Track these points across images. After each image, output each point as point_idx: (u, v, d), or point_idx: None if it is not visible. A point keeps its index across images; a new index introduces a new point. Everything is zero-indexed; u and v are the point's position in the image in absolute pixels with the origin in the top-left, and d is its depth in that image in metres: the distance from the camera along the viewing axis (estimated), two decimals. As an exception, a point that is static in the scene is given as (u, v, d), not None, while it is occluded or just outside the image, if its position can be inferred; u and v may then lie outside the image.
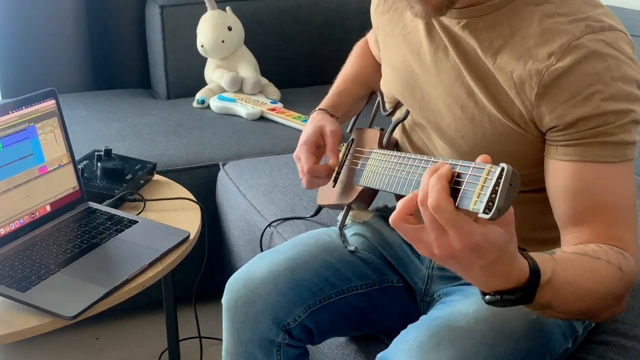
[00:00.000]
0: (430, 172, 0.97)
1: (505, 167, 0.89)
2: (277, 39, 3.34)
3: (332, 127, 1.55)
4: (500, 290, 1.04)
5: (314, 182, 1.55)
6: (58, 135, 1.76)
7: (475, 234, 0.94)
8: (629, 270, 1.15)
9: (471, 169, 0.94)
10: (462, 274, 1.04)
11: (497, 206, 0.89)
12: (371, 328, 1.59)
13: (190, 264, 1.91)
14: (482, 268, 0.99)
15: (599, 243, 1.17)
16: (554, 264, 1.08)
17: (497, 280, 1.03)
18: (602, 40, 1.18)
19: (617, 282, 1.14)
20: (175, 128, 2.78)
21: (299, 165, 1.56)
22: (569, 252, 1.14)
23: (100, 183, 1.93)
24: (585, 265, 1.12)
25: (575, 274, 1.10)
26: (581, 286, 1.10)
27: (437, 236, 0.96)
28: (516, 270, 1.02)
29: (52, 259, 1.58)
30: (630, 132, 1.19)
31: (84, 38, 3.24)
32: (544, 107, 1.21)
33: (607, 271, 1.12)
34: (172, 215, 1.88)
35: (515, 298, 1.04)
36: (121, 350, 2.48)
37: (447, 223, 0.94)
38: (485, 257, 0.97)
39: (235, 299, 1.49)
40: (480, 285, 1.06)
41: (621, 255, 1.15)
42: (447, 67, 1.34)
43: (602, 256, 1.13)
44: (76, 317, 1.44)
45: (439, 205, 0.93)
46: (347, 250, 1.55)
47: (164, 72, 3.18)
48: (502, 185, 0.89)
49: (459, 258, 0.97)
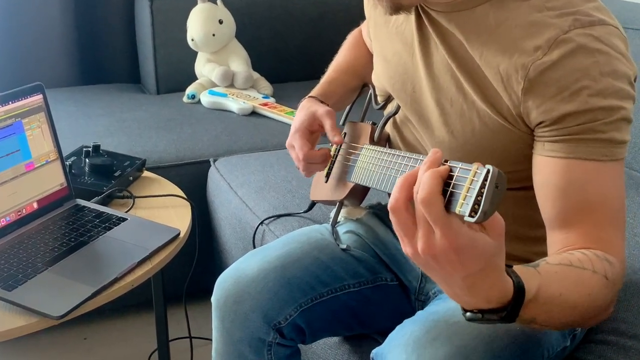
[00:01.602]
0: (426, 167, 0.95)
1: (491, 169, 0.88)
2: (269, 32, 3.34)
3: (326, 108, 1.55)
4: (482, 309, 1.03)
5: (310, 168, 1.56)
6: (45, 131, 1.76)
7: (463, 236, 0.92)
8: (615, 278, 1.14)
9: (458, 170, 0.92)
10: (443, 284, 1.02)
11: (482, 209, 0.87)
12: (364, 328, 1.59)
13: (180, 262, 1.91)
14: (464, 279, 0.97)
15: (585, 246, 1.16)
16: (539, 279, 1.06)
17: (478, 298, 1.01)
18: (590, 35, 1.17)
19: (604, 291, 1.13)
20: (165, 123, 2.78)
21: (292, 154, 1.56)
22: (553, 263, 1.12)
23: (89, 180, 1.94)
24: (571, 277, 1.11)
25: (561, 286, 1.09)
26: (567, 299, 1.09)
27: (424, 233, 0.94)
28: (499, 290, 1.01)
29: (40, 258, 1.58)
30: (620, 130, 1.18)
31: (72, 31, 3.24)
32: (530, 102, 1.20)
33: (593, 281, 1.11)
34: (162, 213, 1.88)
35: (497, 318, 1.03)
36: (110, 350, 2.48)
37: (435, 220, 0.92)
38: (469, 265, 0.95)
39: (225, 297, 1.50)
40: (460, 301, 1.04)
41: (607, 263, 1.14)
42: (436, 61, 1.34)
43: (587, 266, 1.11)
44: (64, 317, 1.44)
45: (429, 200, 0.91)
46: (340, 248, 1.55)
47: (154, 66, 3.18)
48: (488, 188, 0.87)
49: (441, 260, 0.95)
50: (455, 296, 1.03)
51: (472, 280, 0.98)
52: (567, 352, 1.40)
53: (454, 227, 0.92)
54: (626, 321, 1.50)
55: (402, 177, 0.97)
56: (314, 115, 1.55)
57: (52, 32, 3.18)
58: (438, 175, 0.93)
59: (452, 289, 1.01)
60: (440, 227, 0.92)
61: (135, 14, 3.29)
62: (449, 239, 0.92)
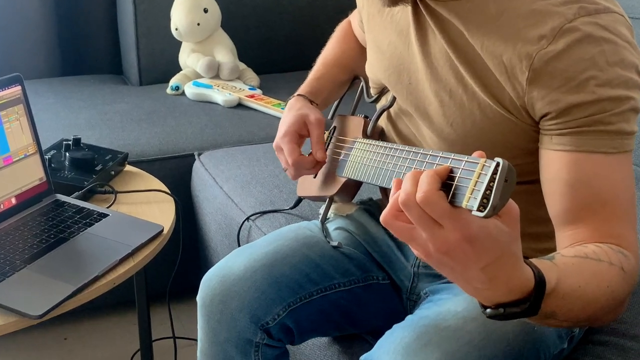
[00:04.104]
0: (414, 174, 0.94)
1: (500, 162, 0.87)
2: (256, 21, 3.33)
3: (316, 116, 1.55)
4: (503, 302, 1.02)
5: (299, 173, 1.56)
6: (24, 124, 1.75)
7: (474, 224, 0.91)
8: (631, 270, 1.14)
9: (464, 163, 0.92)
10: (461, 281, 1.00)
11: (492, 203, 0.86)
12: (355, 328, 1.59)
13: (163, 260, 1.91)
14: (482, 270, 0.95)
15: (597, 242, 1.15)
16: (558, 271, 1.05)
17: (499, 290, 1.00)
18: (596, 23, 1.17)
19: (621, 283, 1.12)
20: (148, 116, 2.77)
21: (280, 157, 1.56)
22: (569, 256, 1.11)
23: (69, 174, 1.93)
24: (588, 269, 1.10)
25: (579, 279, 1.08)
26: (586, 292, 1.08)
27: (431, 233, 0.93)
28: (520, 279, 0.99)
29: (18, 255, 1.58)
30: (628, 121, 1.18)
31: (52, 20, 3.22)
32: (535, 92, 1.20)
33: (611, 273, 1.11)
34: (145, 209, 1.88)
35: (520, 311, 1.01)
36: (91, 351, 2.48)
37: (441, 215, 0.91)
38: (484, 255, 0.94)
39: (211, 296, 1.49)
40: (481, 297, 1.03)
41: (622, 255, 1.14)
42: (434, 51, 1.34)
43: (603, 257, 1.11)
44: (43, 316, 1.44)
45: (428, 198, 0.90)
46: (330, 246, 1.55)
47: (136, 56, 3.17)
48: (498, 181, 0.87)
49: (456, 254, 0.93)
50: (475, 292, 1.01)
51: (490, 271, 0.96)
52: (565, 355, 1.39)
53: (463, 218, 0.91)
54: (625, 321, 1.50)
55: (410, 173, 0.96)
56: (304, 120, 1.55)
57: (30, 21, 3.16)
58: (434, 174, 0.92)
59: (471, 284, 0.99)
60: (449, 221, 0.91)
61: (117, 2, 3.28)
62: (461, 231, 0.91)
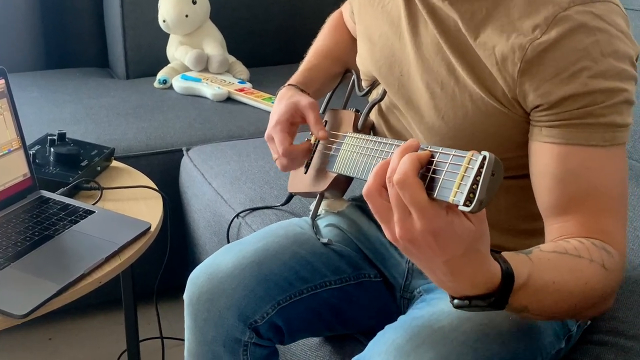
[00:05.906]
0: (402, 151, 0.97)
1: (487, 155, 0.89)
2: (246, 13, 3.34)
3: (309, 100, 1.55)
4: (469, 295, 1.05)
5: (290, 164, 1.56)
6: (7, 118, 1.75)
7: (439, 218, 0.94)
8: (613, 268, 1.15)
9: (451, 157, 0.93)
10: (426, 270, 1.04)
11: (478, 198, 0.88)
12: (347, 327, 1.59)
13: (151, 258, 1.92)
14: (446, 264, 0.99)
15: (583, 235, 1.17)
16: (531, 266, 1.08)
17: (463, 284, 1.03)
18: (591, 13, 1.17)
19: (602, 281, 1.13)
20: (135, 110, 2.77)
21: (272, 147, 1.56)
22: (547, 251, 1.13)
23: (54, 170, 1.93)
24: (566, 264, 1.12)
25: (554, 275, 1.10)
26: (561, 288, 1.10)
27: (400, 217, 0.96)
28: (485, 275, 1.02)
29: (1, 253, 1.57)
30: (621, 113, 1.18)
31: (35, 11, 3.22)
32: (527, 84, 1.21)
33: (590, 270, 1.12)
34: (132, 205, 1.87)
35: (485, 304, 1.05)
36: (77, 351, 2.48)
37: (411, 202, 0.94)
38: (448, 249, 0.97)
39: (198, 294, 1.49)
40: (446, 288, 1.06)
41: (605, 252, 1.15)
42: (426, 42, 1.34)
43: (583, 254, 1.12)
44: (27, 316, 1.44)
45: (404, 181, 0.93)
46: (320, 243, 1.55)
47: (123, 49, 3.17)
48: (484, 175, 0.88)
49: (420, 244, 0.97)
50: (440, 282, 1.05)
51: (453, 264, 0.99)
52: (562, 354, 1.39)
53: (431, 210, 0.93)
54: (625, 321, 1.50)
55: (378, 164, 1.00)
56: (296, 106, 1.55)
57: (13, 11, 3.15)
58: (415, 159, 0.95)
59: (436, 274, 1.03)
60: (418, 210, 0.94)
61: (103, -6, 3.28)
62: (426, 222, 0.94)
